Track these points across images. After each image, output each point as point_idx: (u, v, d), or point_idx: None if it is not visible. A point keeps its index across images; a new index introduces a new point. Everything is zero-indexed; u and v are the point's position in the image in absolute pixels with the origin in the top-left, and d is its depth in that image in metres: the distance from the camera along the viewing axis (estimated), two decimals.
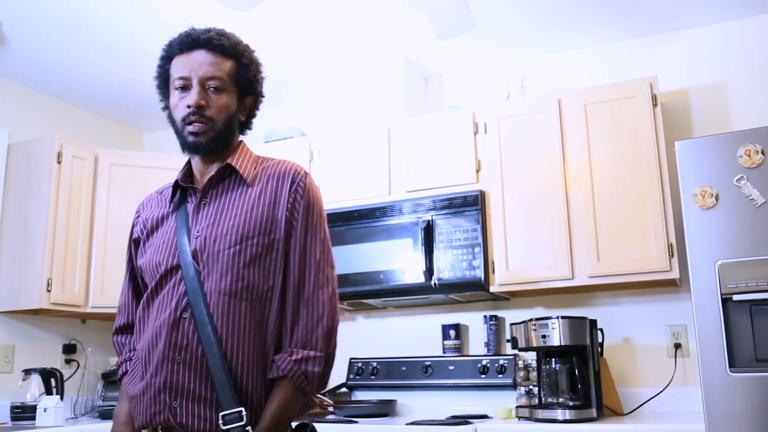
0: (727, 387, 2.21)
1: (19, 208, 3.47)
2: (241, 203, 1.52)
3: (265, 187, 1.55)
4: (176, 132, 1.56)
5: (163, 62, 1.58)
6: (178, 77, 1.52)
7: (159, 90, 1.62)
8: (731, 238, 2.28)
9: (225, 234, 1.48)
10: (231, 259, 1.46)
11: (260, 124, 4.10)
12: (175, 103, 1.54)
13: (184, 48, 1.54)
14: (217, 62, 1.53)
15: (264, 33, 3.25)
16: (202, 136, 1.51)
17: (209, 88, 1.52)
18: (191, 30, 1.57)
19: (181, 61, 1.53)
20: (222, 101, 1.53)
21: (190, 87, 1.51)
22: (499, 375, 3.10)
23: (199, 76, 1.51)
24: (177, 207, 1.57)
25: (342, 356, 3.59)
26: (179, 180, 1.59)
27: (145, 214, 1.65)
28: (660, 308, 3.05)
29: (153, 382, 1.44)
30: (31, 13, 3.04)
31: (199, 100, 1.49)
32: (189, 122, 1.50)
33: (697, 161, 2.38)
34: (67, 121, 4.01)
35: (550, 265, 2.90)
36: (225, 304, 1.44)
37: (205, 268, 1.47)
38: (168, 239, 1.54)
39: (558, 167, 2.98)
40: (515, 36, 3.34)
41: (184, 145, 1.54)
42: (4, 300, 3.40)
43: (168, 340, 1.44)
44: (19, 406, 3.23)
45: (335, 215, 3.27)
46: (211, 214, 1.52)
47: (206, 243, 1.48)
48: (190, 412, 1.41)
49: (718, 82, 3.16)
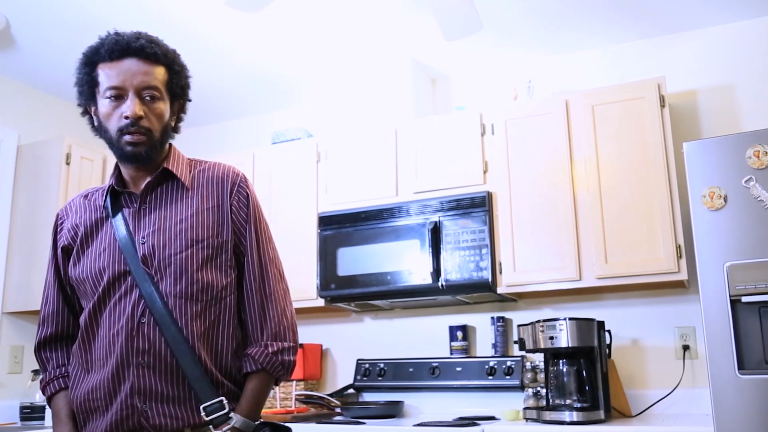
0: (736, 389, 2.20)
1: (28, 209, 3.49)
2: (184, 208, 1.54)
3: (205, 191, 1.58)
4: (109, 141, 1.52)
5: (88, 68, 1.52)
6: (111, 87, 1.48)
7: (81, 96, 1.55)
8: (740, 240, 2.27)
9: (174, 239, 1.50)
10: (183, 263, 1.49)
11: (268, 125, 4.12)
12: (108, 113, 1.49)
13: (114, 56, 1.49)
14: (151, 71, 1.51)
15: (271, 34, 3.26)
16: (141, 146, 1.49)
17: (145, 97, 1.50)
18: (118, 36, 1.52)
19: (112, 69, 1.49)
20: (158, 110, 1.52)
21: (124, 97, 1.48)
22: (506, 376, 3.09)
23: (134, 86, 1.48)
24: (112, 213, 1.55)
25: (349, 357, 3.60)
26: (115, 185, 1.57)
27: (72, 221, 1.60)
28: (668, 310, 3.04)
29: (117, 390, 1.44)
30: (40, 16, 3.06)
31: (138, 111, 1.47)
32: (127, 132, 1.48)
33: (705, 162, 2.37)
34: (76, 123, 4.03)
35: (558, 267, 2.90)
36: (183, 306, 1.47)
37: (158, 273, 1.48)
38: (108, 245, 1.52)
39: (565, 168, 2.97)
40: (522, 37, 3.33)
41: (121, 155, 1.52)
42: (13, 301, 3.42)
43: (129, 345, 1.44)
44: (28, 407, 3.25)
45: (342, 216, 3.27)
46: (155, 220, 1.53)
47: (155, 248, 1.49)
48: (162, 413, 1.43)
49: (727, 83, 3.15)
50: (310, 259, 3.34)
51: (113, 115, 1.49)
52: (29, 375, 3.40)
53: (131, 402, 1.43)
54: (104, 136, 1.53)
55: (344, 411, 3.08)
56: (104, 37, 1.53)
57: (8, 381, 3.43)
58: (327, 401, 3.30)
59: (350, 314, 3.64)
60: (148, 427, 1.43)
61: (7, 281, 3.46)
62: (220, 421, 1.43)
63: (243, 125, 4.23)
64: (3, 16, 3.05)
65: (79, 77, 1.55)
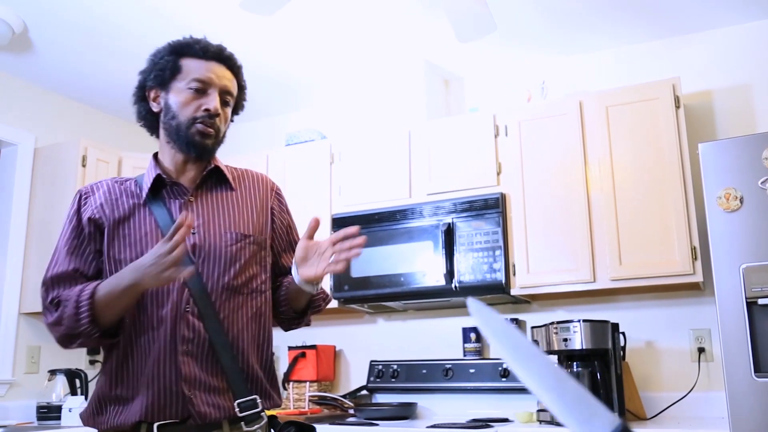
0: (752, 392, 2.18)
1: (44, 211, 3.53)
2: (232, 205, 1.62)
3: (248, 193, 1.67)
4: (174, 128, 1.56)
5: (174, 57, 1.58)
6: (198, 79, 1.55)
7: (155, 80, 1.59)
8: (756, 241, 2.26)
9: (225, 233, 1.56)
10: (233, 256, 1.55)
11: (281, 127, 4.14)
12: (186, 101, 1.55)
13: (208, 55, 1.58)
14: (232, 80, 1.63)
15: (285, 37, 3.27)
16: (209, 140, 1.57)
17: (223, 99, 1.59)
18: (208, 41, 1.61)
19: (201, 65, 1.57)
20: (227, 114, 1.63)
21: (206, 91, 1.56)
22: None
23: (219, 86, 1.58)
24: (150, 201, 1.57)
25: (362, 359, 3.60)
26: (162, 174, 1.59)
27: (100, 198, 1.59)
28: (683, 312, 3.02)
29: (161, 374, 1.44)
30: (57, 20, 3.09)
31: (218, 107, 1.56)
32: (202, 123, 1.55)
33: (720, 163, 2.36)
34: (92, 125, 4.07)
35: (572, 268, 2.89)
36: (227, 298, 1.53)
37: (204, 263, 1.52)
38: (150, 231, 1.53)
39: (579, 169, 2.96)
40: (536, 38, 3.33)
41: (187, 143, 1.56)
42: (30, 301, 3.46)
43: (174, 332, 1.46)
44: (44, 406, 3.28)
45: (356, 218, 3.27)
46: (205, 213, 1.58)
47: (205, 240, 1.53)
48: (204, 401, 1.45)
49: (742, 83, 3.12)
50: None
51: (191, 104, 1.55)
52: (46, 375, 3.44)
53: (177, 388, 1.44)
54: (168, 123, 1.58)
55: (357, 412, 3.09)
56: (191, 38, 1.61)
57: (25, 381, 3.46)
58: (340, 402, 3.31)
59: (363, 315, 3.65)
60: (194, 414, 1.44)
61: (25, 282, 3.49)
62: (251, 419, 1.47)
63: (257, 127, 4.24)
64: (21, 20, 3.09)
65: (159, 62, 1.59)
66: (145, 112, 1.63)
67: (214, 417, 1.45)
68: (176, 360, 1.45)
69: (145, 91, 1.62)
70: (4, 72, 3.60)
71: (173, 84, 1.57)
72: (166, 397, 1.44)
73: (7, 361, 3.40)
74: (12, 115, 3.63)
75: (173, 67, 1.57)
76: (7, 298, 3.44)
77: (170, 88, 1.58)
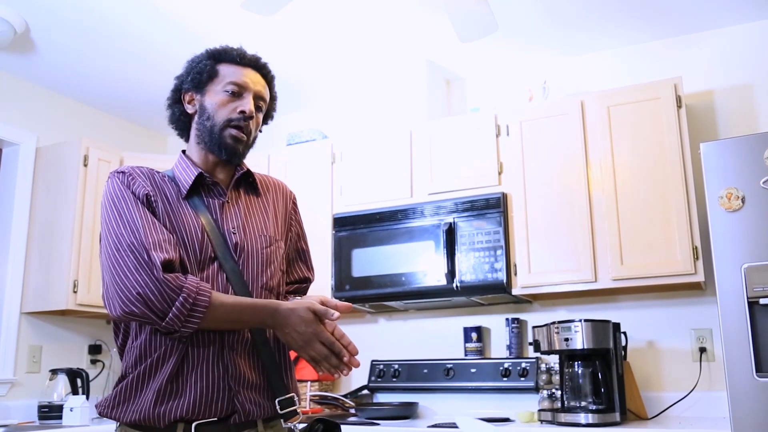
0: (753, 392, 2.18)
1: (46, 211, 3.53)
2: (261, 209, 1.66)
3: (273, 198, 1.72)
4: (208, 129, 1.57)
5: (212, 61, 1.61)
6: (235, 82, 1.59)
7: (192, 82, 1.61)
8: (758, 241, 2.26)
9: (259, 235, 1.60)
10: (270, 257, 1.60)
11: (283, 126, 4.14)
12: (223, 102, 1.58)
13: (244, 61, 1.62)
14: (266, 87, 1.66)
15: (286, 36, 3.27)
16: (240, 143, 1.59)
17: (256, 105, 1.62)
18: (244, 50, 1.65)
19: (238, 70, 1.61)
20: (259, 120, 1.66)
21: (242, 95, 1.59)
22: (521, 378, 3.09)
23: (254, 91, 1.61)
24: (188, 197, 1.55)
25: (364, 358, 3.60)
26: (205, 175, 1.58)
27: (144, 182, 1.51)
28: (685, 312, 3.02)
29: (208, 370, 1.43)
30: (59, 20, 3.09)
31: (253, 110, 1.59)
32: (236, 126, 1.57)
33: (722, 163, 2.35)
34: (93, 125, 4.07)
35: (573, 268, 2.89)
36: (264, 296, 1.57)
37: (244, 263, 1.54)
38: (193, 226, 1.50)
39: (581, 169, 2.96)
40: (537, 38, 3.33)
41: (219, 145, 1.57)
42: (31, 301, 3.46)
43: (223, 333, 1.47)
44: (46, 406, 3.28)
45: (357, 218, 3.28)
46: (241, 215, 1.60)
47: (245, 240, 1.56)
48: (248, 399, 1.47)
49: (744, 83, 3.12)
50: (324, 260, 3.35)
51: (227, 106, 1.58)
52: (47, 374, 3.44)
53: (222, 385, 1.44)
54: (202, 124, 1.59)
55: (359, 412, 3.09)
56: (228, 46, 1.65)
57: (26, 380, 3.47)
58: (341, 402, 3.31)
59: (365, 315, 3.65)
60: (240, 410, 1.45)
61: (26, 282, 3.50)
62: (290, 416, 1.50)
63: None
64: (23, 20, 3.09)
65: (198, 66, 1.62)
66: (179, 113, 1.65)
67: (256, 415, 1.47)
68: (223, 356, 1.46)
69: (180, 94, 1.65)
70: (6, 72, 3.60)
71: (210, 87, 1.60)
72: (213, 392, 1.43)
73: (9, 361, 3.40)
74: (14, 115, 3.63)
75: (210, 71, 1.60)
76: (9, 298, 3.44)
77: (206, 90, 1.60)
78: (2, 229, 3.53)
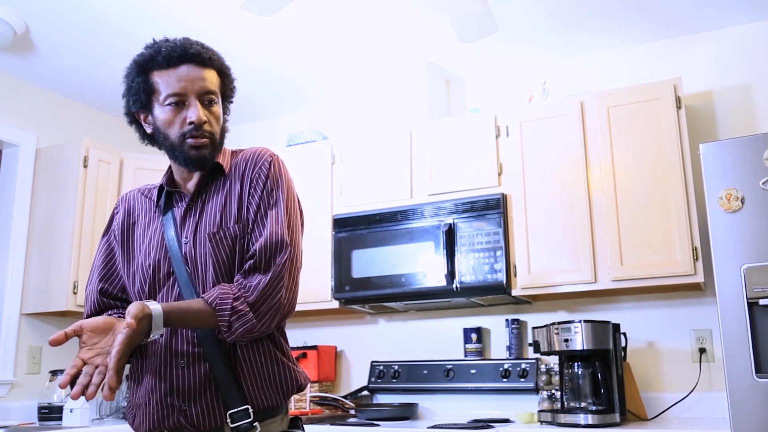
0: (753, 392, 2.18)
1: (46, 212, 3.53)
2: (221, 203, 1.55)
3: (235, 176, 1.57)
4: (170, 147, 1.53)
5: (143, 77, 1.53)
6: (173, 93, 1.49)
7: (135, 104, 1.55)
8: (757, 242, 2.26)
9: (212, 236, 1.50)
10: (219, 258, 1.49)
11: (283, 127, 4.14)
12: (170, 119, 1.50)
13: (172, 62, 1.51)
14: (207, 76, 1.53)
15: (286, 37, 3.28)
16: (204, 149, 1.52)
17: (205, 101, 1.52)
18: (171, 43, 1.53)
19: (170, 76, 1.50)
20: (216, 114, 1.55)
21: (185, 102, 1.50)
22: (521, 379, 3.09)
23: (195, 91, 1.50)
24: (163, 211, 1.59)
25: (363, 359, 3.60)
26: (165, 185, 1.60)
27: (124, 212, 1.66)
28: (684, 312, 3.02)
29: (158, 388, 1.47)
30: (59, 21, 3.09)
31: (203, 116, 1.50)
32: (191, 137, 1.50)
33: (722, 164, 2.35)
34: (93, 126, 4.07)
35: (573, 269, 2.89)
36: None
37: (195, 272, 1.50)
38: (157, 243, 1.55)
39: (580, 170, 2.96)
40: (537, 39, 3.33)
41: (186, 160, 1.52)
42: (31, 302, 3.46)
43: (169, 346, 1.47)
44: (46, 407, 3.28)
45: (357, 218, 3.28)
46: (198, 218, 1.54)
47: (195, 247, 1.51)
48: (199, 412, 1.45)
49: (743, 84, 3.12)
50: (324, 261, 3.35)
51: (175, 121, 1.50)
52: (47, 375, 3.44)
53: (169, 401, 1.46)
54: (163, 143, 1.54)
55: (358, 413, 3.09)
56: (154, 45, 1.54)
57: (26, 381, 3.47)
58: (341, 403, 3.31)
59: (364, 316, 3.65)
60: (186, 425, 1.46)
61: (26, 283, 3.50)
62: (243, 429, 1.43)
63: (258, 127, 4.25)
64: (23, 20, 3.09)
65: (132, 86, 1.54)
66: (142, 133, 1.60)
67: (208, 426, 1.45)
68: (170, 373, 1.46)
69: (133, 115, 1.59)
70: (6, 73, 3.61)
71: (154, 103, 1.53)
72: (163, 409, 1.47)
73: (9, 362, 3.40)
74: (14, 116, 3.63)
75: (146, 88, 1.52)
76: (9, 299, 3.44)
77: (152, 107, 1.53)
78: (2, 230, 3.53)
